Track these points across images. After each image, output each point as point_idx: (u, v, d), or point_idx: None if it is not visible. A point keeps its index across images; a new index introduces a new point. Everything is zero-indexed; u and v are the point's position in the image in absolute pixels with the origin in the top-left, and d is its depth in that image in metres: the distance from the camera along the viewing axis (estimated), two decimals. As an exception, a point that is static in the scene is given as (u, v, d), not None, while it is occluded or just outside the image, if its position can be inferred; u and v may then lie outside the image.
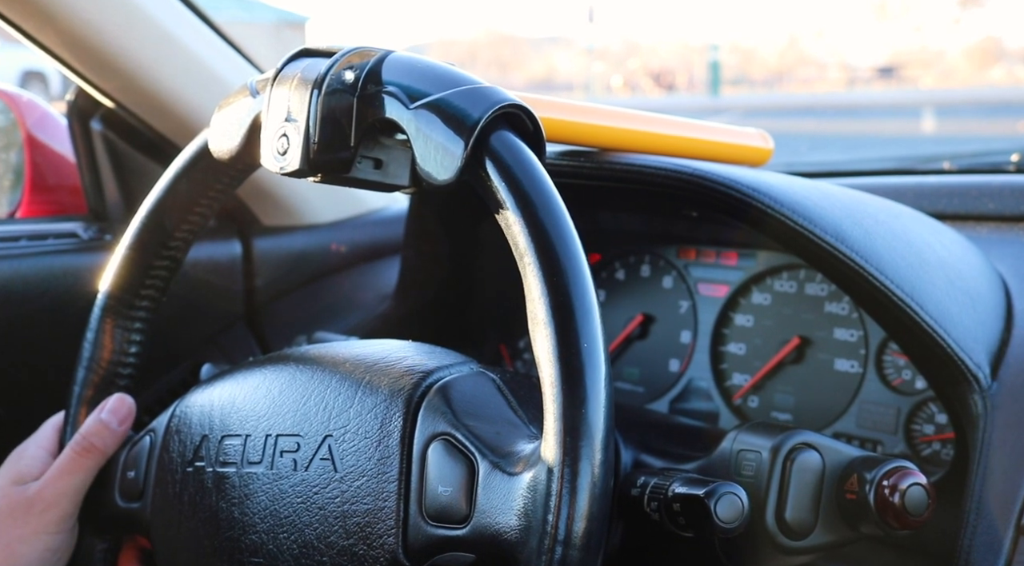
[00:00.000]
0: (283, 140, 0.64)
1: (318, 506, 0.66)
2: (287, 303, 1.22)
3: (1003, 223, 0.97)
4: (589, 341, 0.55)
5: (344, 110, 0.63)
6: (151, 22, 1.07)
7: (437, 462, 0.62)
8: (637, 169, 0.79)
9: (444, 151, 0.60)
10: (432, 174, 0.60)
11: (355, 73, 0.63)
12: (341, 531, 0.64)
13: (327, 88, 0.63)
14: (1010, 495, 0.69)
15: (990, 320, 0.77)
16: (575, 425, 0.54)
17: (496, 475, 0.60)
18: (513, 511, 0.58)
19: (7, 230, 1.07)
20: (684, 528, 0.63)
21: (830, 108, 12.91)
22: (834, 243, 0.71)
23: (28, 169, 1.16)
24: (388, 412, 0.65)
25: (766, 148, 0.94)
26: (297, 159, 0.63)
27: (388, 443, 0.64)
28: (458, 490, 0.61)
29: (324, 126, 0.63)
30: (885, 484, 0.64)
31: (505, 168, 0.59)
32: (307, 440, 0.68)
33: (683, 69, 28.56)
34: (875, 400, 0.90)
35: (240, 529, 0.70)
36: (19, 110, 1.16)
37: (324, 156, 0.63)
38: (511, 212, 0.58)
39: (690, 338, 1.04)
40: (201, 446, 0.74)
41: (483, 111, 0.59)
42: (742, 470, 0.67)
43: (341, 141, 0.63)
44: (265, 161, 0.66)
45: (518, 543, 0.57)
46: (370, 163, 0.66)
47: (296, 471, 0.68)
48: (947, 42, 29.74)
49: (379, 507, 0.63)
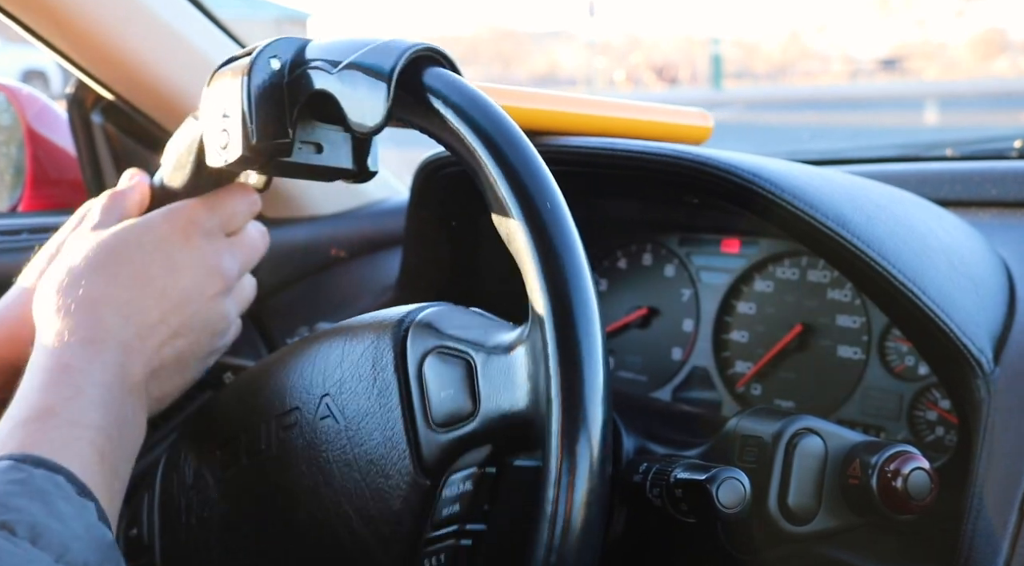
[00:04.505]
0: (223, 134, 0.66)
1: (329, 461, 0.65)
2: (289, 295, 1.22)
3: (1006, 209, 0.96)
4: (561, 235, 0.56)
5: (276, 95, 0.65)
6: (152, 14, 1.07)
7: (434, 373, 0.63)
8: (637, 156, 0.79)
9: (370, 97, 0.62)
10: (364, 123, 0.62)
11: (280, 59, 0.65)
12: (357, 476, 0.64)
13: (255, 78, 0.65)
14: (1013, 480, 0.68)
15: (993, 305, 0.76)
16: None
17: (492, 360, 0.61)
18: (516, 383, 0.59)
19: (8, 224, 1.07)
20: (686, 514, 0.63)
21: (832, 100, 12.90)
22: (836, 228, 0.71)
23: (29, 163, 1.16)
24: (377, 350, 0.66)
25: (706, 126, 0.96)
26: (238, 147, 0.65)
27: (383, 376, 0.65)
28: (460, 389, 0.62)
29: (259, 113, 0.64)
30: (888, 469, 0.64)
31: (434, 91, 0.61)
32: (305, 408, 0.68)
33: (686, 63, 28.55)
34: (878, 386, 0.90)
35: (257, 525, 0.69)
36: (19, 104, 1.17)
37: (264, 142, 0.65)
38: (454, 122, 0.60)
39: (692, 326, 1.03)
40: (203, 467, 0.74)
41: (400, 54, 0.62)
42: (744, 456, 0.67)
43: (278, 126, 0.65)
44: (210, 160, 0.68)
45: (527, 412, 0.58)
46: (311, 147, 0.68)
47: (299, 440, 0.67)
48: (951, 34, 29.67)
49: (388, 437, 0.63)
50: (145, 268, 0.71)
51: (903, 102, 12.52)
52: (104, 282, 0.69)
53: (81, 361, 0.64)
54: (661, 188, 0.91)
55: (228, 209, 0.77)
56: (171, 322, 0.71)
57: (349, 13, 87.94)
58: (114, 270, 0.70)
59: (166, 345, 0.71)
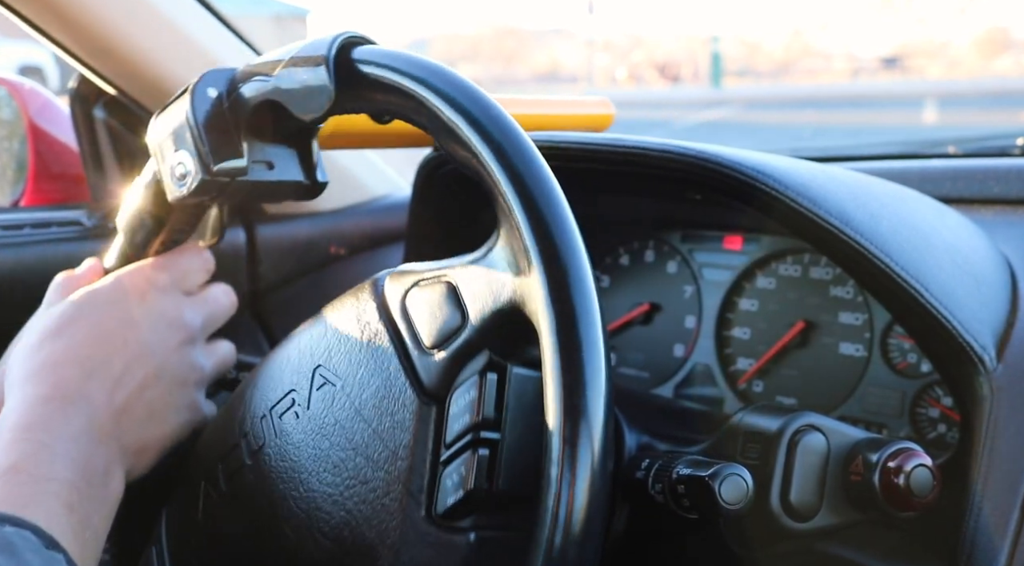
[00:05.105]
0: (180, 166, 0.70)
1: (332, 424, 0.65)
2: (292, 290, 1.22)
3: (1008, 206, 0.96)
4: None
5: (220, 121, 0.69)
6: (155, 9, 1.07)
7: (417, 303, 0.64)
8: (640, 152, 0.79)
9: (313, 83, 0.64)
10: (312, 111, 0.65)
11: (216, 89, 0.69)
12: (362, 426, 0.63)
13: (198, 108, 0.68)
14: (1016, 477, 0.68)
15: (995, 302, 0.76)
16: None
17: (470, 269, 0.62)
18: (499, 279, 0.59)
19: (11, 218, 1.07)
20: (688, 510, 0.63)
21: (833, 99, 12.88)
22: (839, 225, 0.71)
23: (31, 157, 1.16)
24: (359, 309, 0.66)
25: (607, 113, 0.98)
26: (198, 173, 0.68)
27: (369, 326, 0.65)
28: (445, 306, 0.62)
29: (210, 138, 0.68)
30: (890, 466, 0.64)
31: (374, 62, 0.63)
32: (299, 388, 0.68)
33: (689, 61, 28.53)
34: (880, 384, 0.90)
35: (275, 515, 0.68)
36: (22, 98, 1.17)
37: (220, 164, 0.68)
38: (408, 85, 0.61)
39: (695, 323, 1.03)
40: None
41: (332, 39, 0.65)
42: (747, 452, 0.67)
43: (231, 148, 0.69)
44: (171, 194, 0.71)
45: (516, 302, 0.58)
46: (263, 166, 0.71)
47: (300, 418, 0.67)
48: (954, 32, 29.62)
49: (386, 377, 0.63)
50: (102, 325, 0.72)
51: (904, 101, 12.50)
52: (64, 344, 0.70)
53: (44, 418, 0.65)
54: (663, 185, 0.91)
55: (180, 267, 0.79)
56: (136, 373, 0.71)
57: (348, 10, 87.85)
58: (71, 331, 0.71)
59: (135, 396, 0.71)
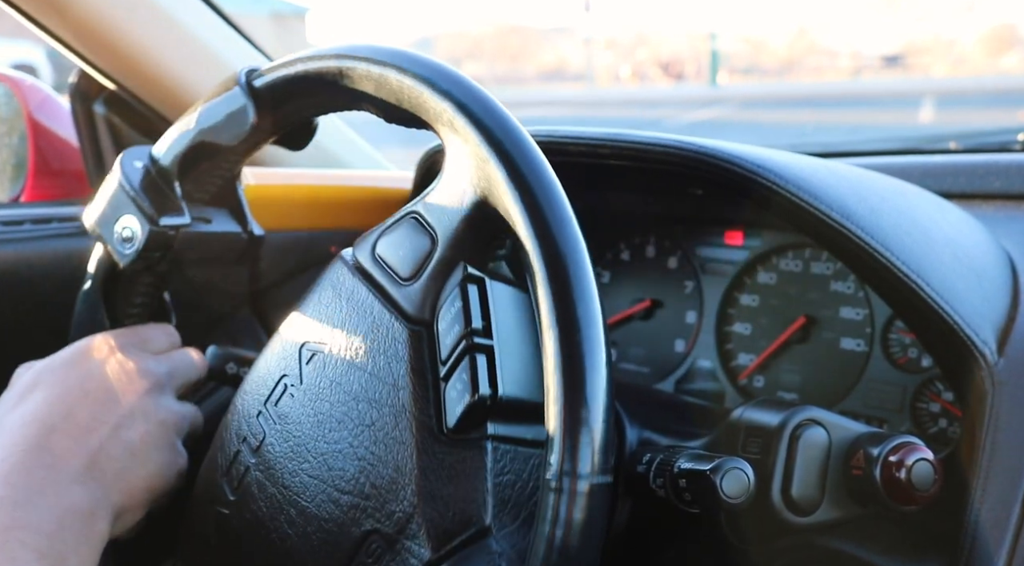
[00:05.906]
0: (125, 230, 0.75)
1: (328, 385, 0.65)
2: (292, 287, 1.22)
3: (1009, 201, 0.96)
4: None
5: (153, 184, 0.75)
6: (155, 4, 1.07)
7: (387, 246, 0.65)
8: (641, 147, 0.79)
9: (233, 112, 0.71)
10: (239, 132, 0.71)
11: (140, 161, 0.75)
12: (358, 374, 0.63)
13: (130, 178, 0.74)
14: (1017, 472, 0.68)
15: (996, 297, 0.76)
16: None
17: (433, 194, 0.63)
18: (461, 187, 0.61)
19: (11, 214, 1.07)
20: (690, 504, 0.63)
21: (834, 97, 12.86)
22: (840, 220, 0.71)
23: (31, 153, 1.16)
24: (333, 279, 0.67)
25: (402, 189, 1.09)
26: (144, 226, 0.74)
27: (345, 286, 0.66)
28: (415, 235, 0.63)
29: (149, 197, 0.74)
30: (891, 460, 0.64)
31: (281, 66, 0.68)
32: (290, 370, 0.67)
33: (693, 59, 28.49)
34: (881, 378, 0.90)
35: (283, 501, 0.67)
36: (22, 94, 1.16)
37: (164, 219, 0.74)
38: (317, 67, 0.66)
39: (695, 318, 1.03)
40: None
41: (236, 73, 0.71)
42: (748, 446, 0.67)
43: (171, 204, 0.75)
44: (122, 260, 0.76)
45: (480, 198, 0.59)
46: (202, 222, 0.77)
47: (296, 396, 0.66)
48: (960, 29, 29.57)
49: (371, 322, 0.64)
50: (61, 383, 0.72)
51: (906, 99, 12.46)
52: (22, 410, 0.70)
53: (3, 473, 0.65)
54: (665, 180, 0.91)
55: (140, 334, 0.80)
56: (105, 418, 0.71)
57: (349, 9, 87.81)
58: (31, 397, 0.71)
59: (109, 438, 0.70)
